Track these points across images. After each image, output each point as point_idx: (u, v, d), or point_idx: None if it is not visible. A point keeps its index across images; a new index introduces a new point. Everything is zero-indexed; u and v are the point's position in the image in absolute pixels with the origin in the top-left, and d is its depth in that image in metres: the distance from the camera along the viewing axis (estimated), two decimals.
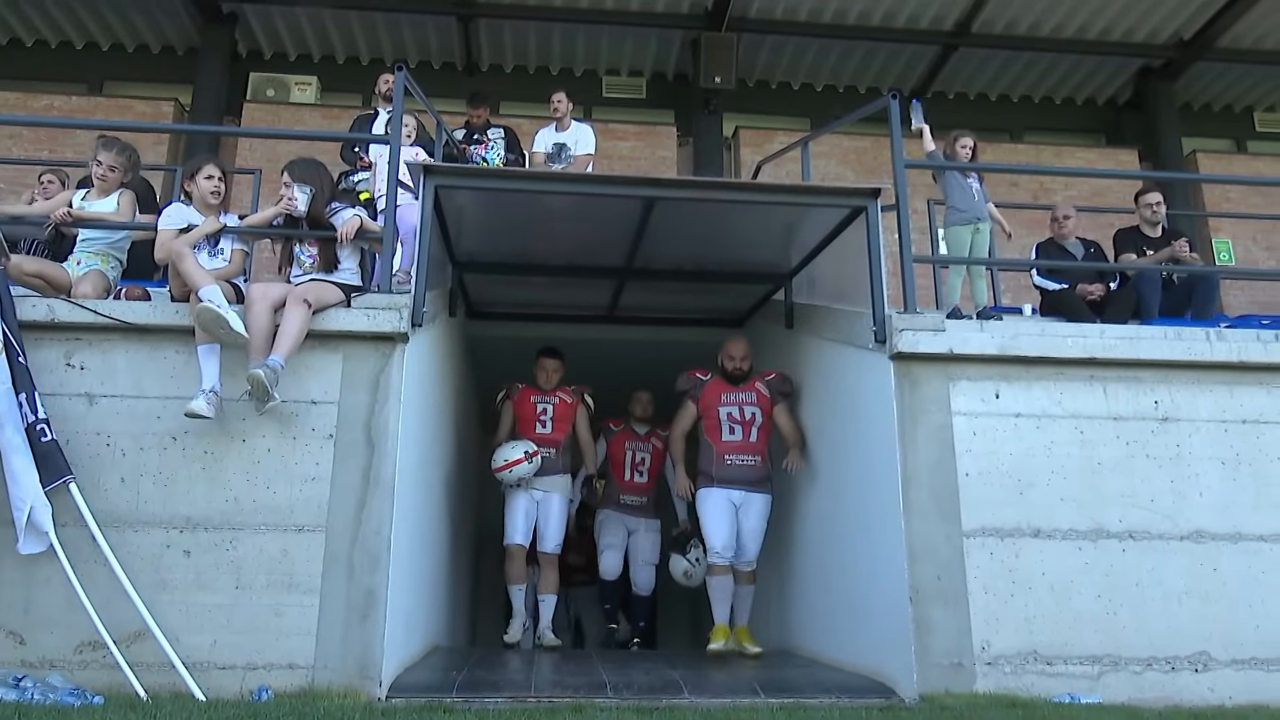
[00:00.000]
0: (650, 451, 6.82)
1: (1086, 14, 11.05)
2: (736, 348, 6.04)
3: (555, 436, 6.35)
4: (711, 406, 5.90)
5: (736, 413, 5.85)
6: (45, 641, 4.10)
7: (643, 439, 6.86)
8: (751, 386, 5.94)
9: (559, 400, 6.44)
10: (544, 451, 6.19)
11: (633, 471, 6.81)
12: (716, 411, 5.88)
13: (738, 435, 5.81)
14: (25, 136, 10.04)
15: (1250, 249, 11.15)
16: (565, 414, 6.43)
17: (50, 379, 4.37)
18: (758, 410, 5.85)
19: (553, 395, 6.45)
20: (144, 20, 11.33)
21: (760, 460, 5.83)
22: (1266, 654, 4.55)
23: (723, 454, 5.78)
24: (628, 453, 6.83)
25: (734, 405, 5.88)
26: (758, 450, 5.83)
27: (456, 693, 4.15)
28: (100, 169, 5.19)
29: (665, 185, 5.42)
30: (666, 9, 11.08)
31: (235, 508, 4.32)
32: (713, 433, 5.87)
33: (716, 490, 5.75)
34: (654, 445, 6.80)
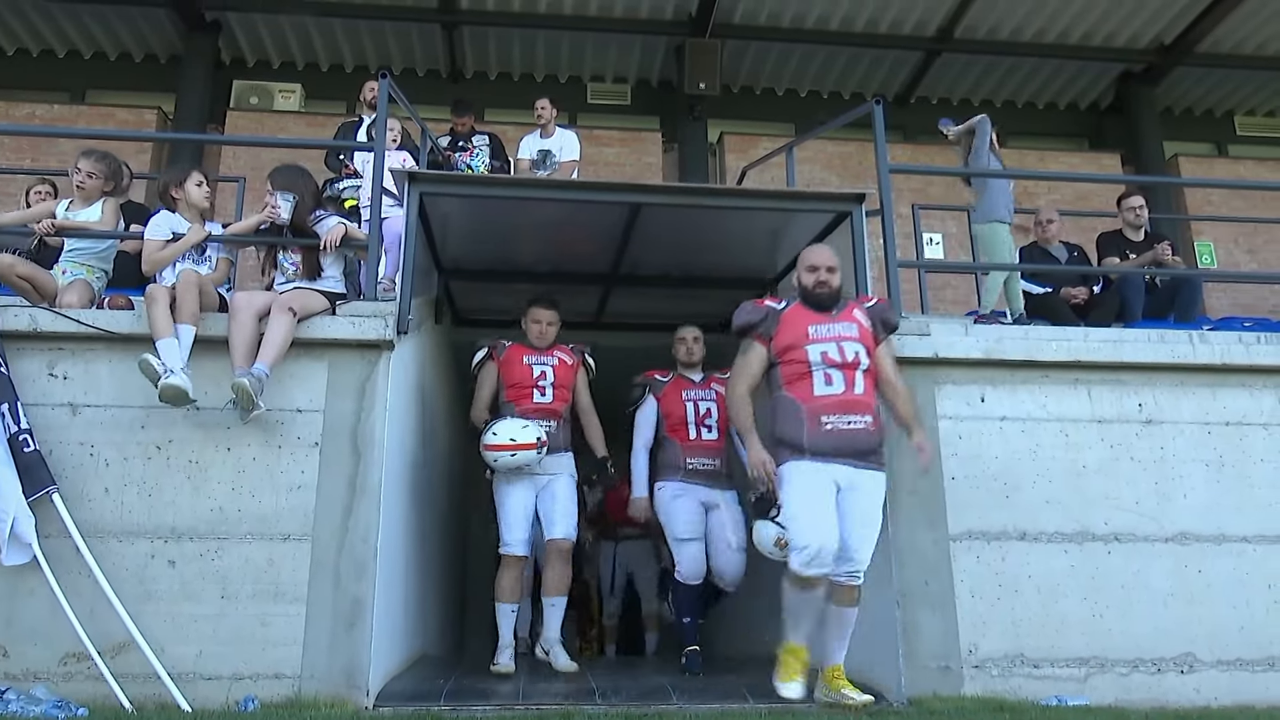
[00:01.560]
0: (715, 400, 5.51)
1: (1068, 19, 11.12)
2: (820, 255, 4.34)
3: (556, 407, 5.26)
4: (796, 344, 4.16)
5: (834, 352, 4.12)
6: (29, 654, 4.06)
7: (701, 385, 5.60)
8: (849, 315, 4.25)
9: (559, 361, 5.35)
10: (545, 425, 5.10)
11: (699, 427, 5.48)
12: (804, 352, 4.14)
13: (837, 385, 4.09)
14: (7, 146, 9.99)
15: (1232, 251, 11.23)
16: (566, 378, 5.35)
17: (33, 389, 4.34)
18: (861, 349, 4.16)
19: (549, 355, 5.36)
20: (126, 28, 11.29)
21: (873, 422, 4.12)
22: (1251, 655, 4.58)
23: (817, 414, 4.07)
24: (688, 405, 5.50)
25: (829, 341, 4.15)
26: (867, 406, 4.12)
27: (444, 701, 4.14)
28: (79, 176, 5.14)
29: (650, 191, 5.44)
30: (651, 15, 11.10)
31: (220, 517, 4.30)
32: (798, 383, 4.14)
33: (809, 464, 4.05)
34: (716, 392, 5.52)
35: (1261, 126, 12.93)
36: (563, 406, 5.30)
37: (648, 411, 5.59)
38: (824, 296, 4.24)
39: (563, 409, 5.30)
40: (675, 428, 5.50)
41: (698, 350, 5.65)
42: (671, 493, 5.41)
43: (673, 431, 5.50)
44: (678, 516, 5.36)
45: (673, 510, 5.38)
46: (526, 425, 5.00)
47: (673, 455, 5.48)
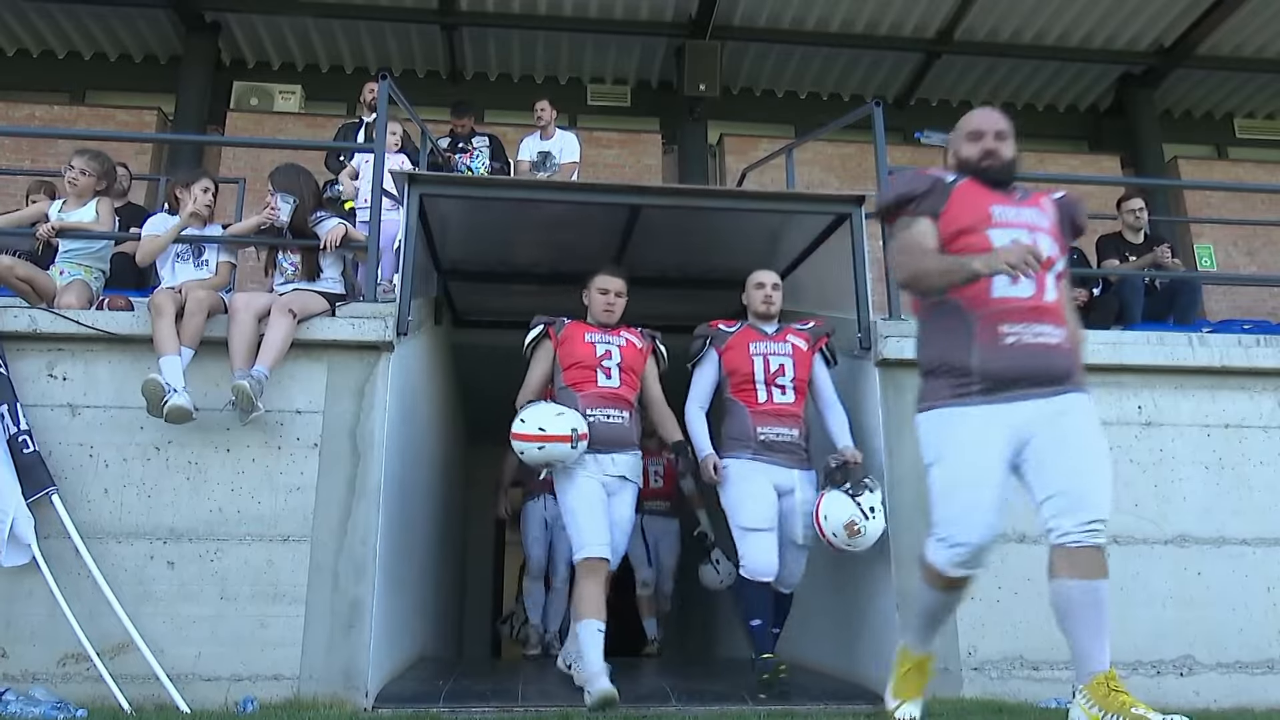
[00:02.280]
0: (790, 355, 4.70)
1: (1068, 21, 11.12)
2: (986, 118, 3.34)
3: (624, 393, 4.49)
4: (975, 228, 3.10)
5: (1027, 238, 3.05)
6: (28, 654, 4.06)
7: (775, 338, 4.77)
8: (1035, 201, 3.26)
9: (626, 342, 4.62)
10: (611, 415, 4.41)
11: (770, 387, 4.62)
12: (985, 238, 3.07)
13: (1025, 286, 3.03)
14: (7, 146, 9.99)
15: (1231, 254, 11.22)
16: (636, 361, 4.61)
17: (32, 390, 4.34)
18: (1055, 246, 3.21)
19: (616, 334, 4.65)
20: (126, 29, 11.28)
21: (1067, 339, 3.12)
22: (1250, 657, 4.58)
23: (996, 322, 3.03)
24: (756, 361, 4.67)
25: (1018, 228, 3.13)
26: (1060, 317, 3.13)
27: (443, 702, 4.14)
28: (71, 173, 5.13)
29: (650, 193, 5.44)
30: (650, 17, 11.10)
31: (220, 518, 4.30)
32: (977, 295, 3.04)
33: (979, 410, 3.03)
34: (793, 345, 4.74)
35: (1261, 129, 12.93)
36: (631, 394, 4.53)
37: (707, 367, 4.80)
38: (997, 170, 3.20)
39: (631, 397, 4.53)
40: (741, 387, 4.65)
41: (777, 299, 4.87)
42: (739, 471, 4.56)
43: (738, 392, 4.66)
44: (744, 501, 4.51)
45: (739, 493, 4.53)
46: (562, 413, 4.26)
47: (739, 424, 4.62)
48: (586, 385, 4.46)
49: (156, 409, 4.13)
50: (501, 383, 6.54)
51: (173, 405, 4.12)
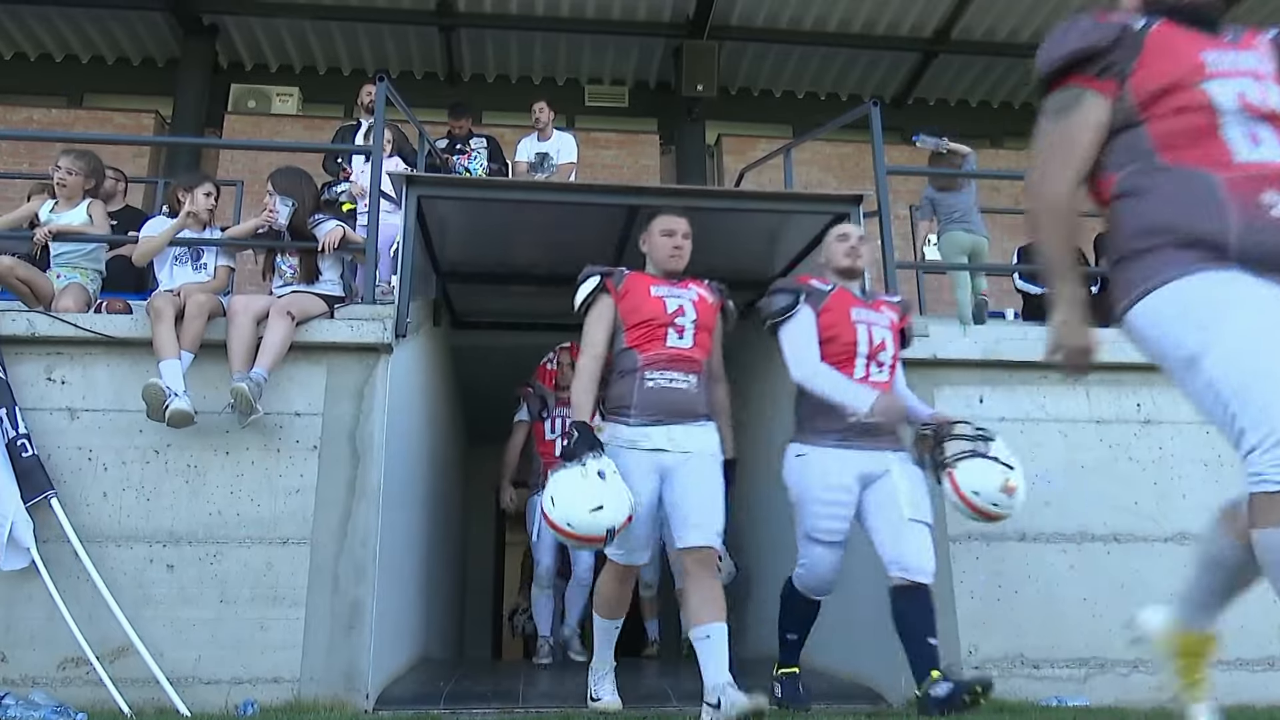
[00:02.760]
0: (889, 329, 4.01)
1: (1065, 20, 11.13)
2: None
3: (695, 356, 3.81)
4: (1184, 82, 2.25)
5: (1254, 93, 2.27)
6: (27, 659, 4.06)
7: (871, 306, 4.06)
8: (1249, 42, 2.46)
9: (699, 296, 3.95)
10: (675, 380, 3.72)
11: (870, 363, 3.91)
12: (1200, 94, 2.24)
13: (1270, 147, 2.22)
14: (5, 150, 9.99)
15: None
16: (709, 319, 3.92)
17: (31, 393, 4.34)
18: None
19: (686, 286, 3.97)
20: (124, 32, 11.29)
21: None
22: (1251, 654, 4.58)
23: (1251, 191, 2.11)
24: (860, 329, 3.92)
25: (1241, 77, 2.35)
26: None
27: (444, 704, 4.14)
28: (59, 174, 5.11)
29: (648, 193, 5.42)
30: (648, 18, 11.11)
31: (219, 521, 4.30)
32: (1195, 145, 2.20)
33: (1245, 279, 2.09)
34: (890, 319, 4.05)
35: None
36: (703, 357, 3.85)
37: (803, 323, 3.92)
38: (1209, 8, 2.38)
39: (703, 360, 3.85)
40: (838, 359, 3.87)
41: (865, 254, 4.13)
42: (820, 464, 3.80)
43: (834, 364, 3.87)
44: (817, 505, 3.80)
45: (814, 493, 3.81)
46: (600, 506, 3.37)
47: (810, 407, 3.87)
48: (654, 344, 3.78)
49: (158, 413, 4.13)
50: (500, 384, 6.57)
51: (174, 409, 4.12)
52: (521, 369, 6.61)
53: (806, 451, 3.85)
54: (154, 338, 4.31)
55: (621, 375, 3.82)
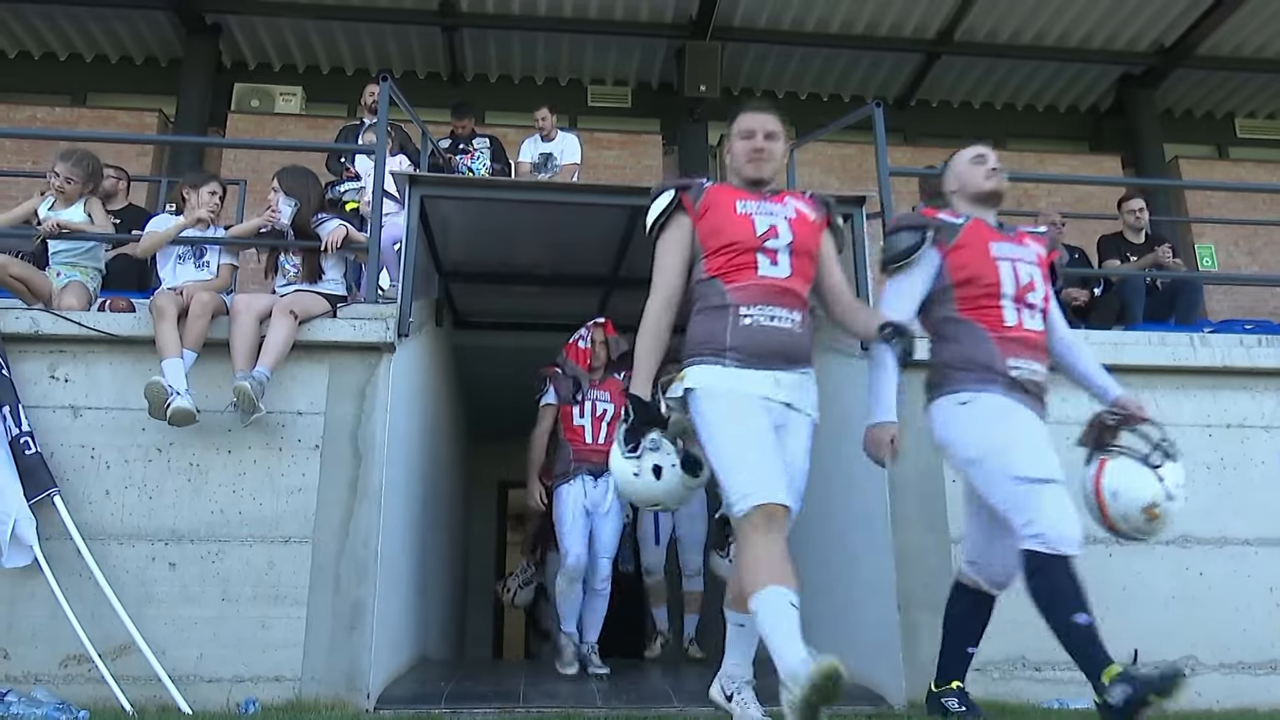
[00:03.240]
0: (1036, 264, 3.49)
1: (1068, 22, 11.12)
2: None
3: (796, 285, 3.16)
4: None
5: None
6: (30, 656, 4.07)
7: (1014, 240, 3.53)
8: None
9: (797, 213, 3.24)
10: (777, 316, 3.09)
11: (1021, 307, 3.38)
12: None
13: None
14: (8, 148, 10.00)
15: (1233, 254, 11.23)
16: (810, 240, 3.23)
17: (34, 391, 4.34)
18: None
19: (780, 201, 3.26)
20: (127, 31, 11.30)
21: None
22: (1253, 658, 4.57)
23: None
24: (1003, 267, 3.38)
25: None
26: None
27: (445, 704, 4.14)
28: (58, 180, 5.07)
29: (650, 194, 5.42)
30: (651, 18, 11.11)
31: (221, 520, 4.30)
32: None
33: None
34: (1038, 254, 3.53)
35: (1262, 129, 12.93)
36: (805, 287, 3.20)
37: (921, 272, 3.41)
38: None
39: (805, 291, 3.20)
40: (980, 303, 3.32)
41: (1000, 181, 3.60)
42: (999, 407, 3.26)
43: (975, 309, 3.34)
44: (1022, 443, 3.21)
45: (1014, 433, 3.24)
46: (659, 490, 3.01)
47: (979, 350, 3.31)
48: (743, 273, 3.11)
49: (160, 412, 4.14)
50: (502, 384, 6.56)
51: (176, 408, 4.13)
52: (524, 369, 6.59)
53: (973, 398, 3.26)
54: (157, 336, 4.31)
55: (706, 311, 3.15)
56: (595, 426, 5.55)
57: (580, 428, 5.57)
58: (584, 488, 5.48)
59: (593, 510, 5.47)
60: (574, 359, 5.69)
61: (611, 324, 5.71)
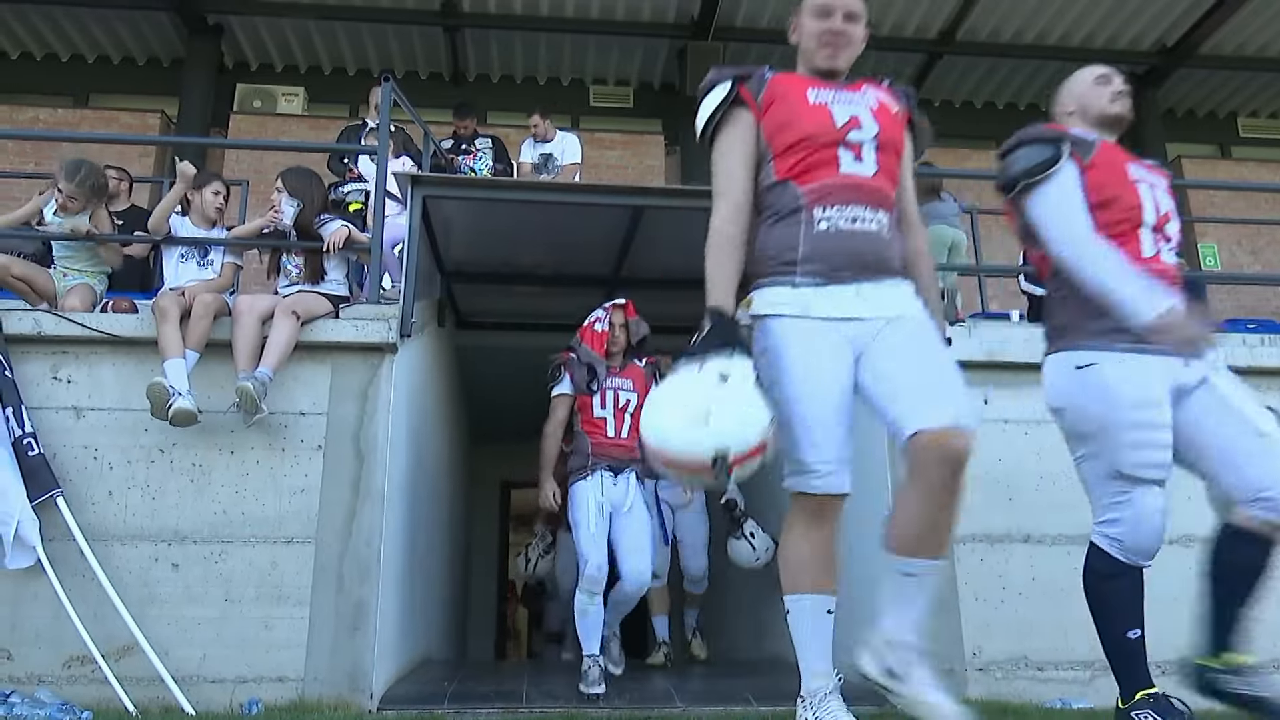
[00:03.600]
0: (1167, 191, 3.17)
1: (1070, 22, 11.12)
2: None
3: (883, 186, 2.72)
4: None
5: None
6: (33, 657, 4.07)
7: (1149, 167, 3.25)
8: None
9: (879, 104, 2.79)
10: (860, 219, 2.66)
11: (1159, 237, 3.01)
12: None
13: None
14: (10, 150, 10.01)
15: (1235, 253, 11.23)
16: (895, 135, 2.78)
17: (37, 392, 4.35)
18: None
19: (858, 89, 2.82)
20: (129, 32, 11.32)
21: None
22: (1260, 656, 4.56)
23: None
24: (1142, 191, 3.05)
25: None
26: None
27: (448, 704, 4.13)
28: (61, 198, 4.98)
29: (653, 194, 5.44)
30: (653, 18, 11.12)
31: (224, 520, 4.30)
32: None
33: None
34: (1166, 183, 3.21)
35: (1264, 128, 12.93)
36: (892, 188, 2.74)
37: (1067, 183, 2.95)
38: None
39: (893, 191, 2.75)
40: (1118, 232, 2.90)
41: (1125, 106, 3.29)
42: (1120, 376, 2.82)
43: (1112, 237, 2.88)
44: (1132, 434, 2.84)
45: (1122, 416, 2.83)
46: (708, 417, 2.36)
47: None
48: (823, 171, 2.66)
49: (161, 413, 4.14)
50: (504, 384, 6.56)
51: (178, 408, 4.13)
52: (526, 369, 6.57)
53: (1096, 360, 2.84)
54: (159, 337, 4.31)
55: (777, 219, 2.73)
56: (618, 419, 4.93)
57: (601, 420, 4.93)
58: (602, 485, 4.83)
59: (614, 510, 4.90)
60: (589, 344, 5.04)
61: (633, 306, 5.16)
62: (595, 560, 4.67)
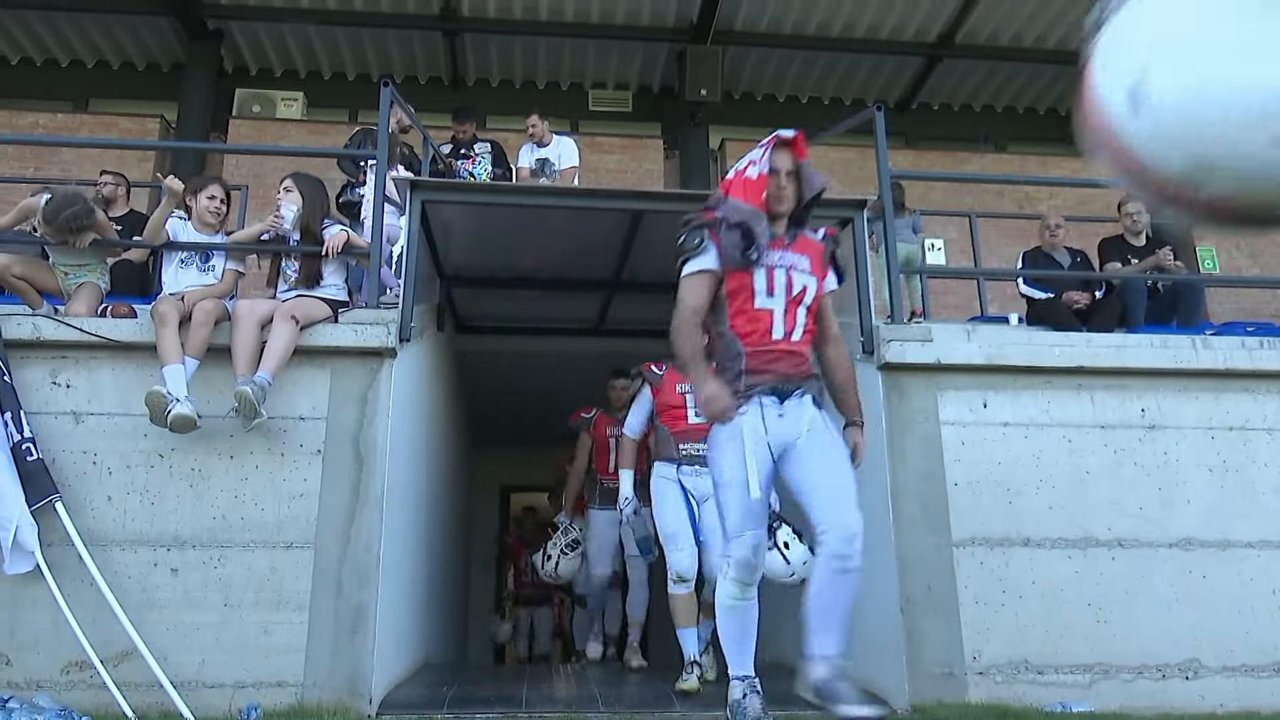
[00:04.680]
0: None
1: (1069, 25, 11.13)
2: None
3: None
4: None
5: None
6: (31, 662, 4.06)
7: None
8: None
9: None
10: None
11: None
12: None
13: None
14: (10, 155, 10.01)
15: (1234, 256, 11.21)
16: None
17: (36, 397, 4.34)
18: None
19: None
20: (129, 37, 11.32)
21: None
22: (1256, 661, 4.56)
23: None
24: None
25: None
26: None
27: (447, 708, 4.13)
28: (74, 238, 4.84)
29: (652, 198, 5.44)
30: (652, 22, 11.12)
31: (223, 525, 4.30)
32: None
33: None
34: None
35: None
36: None
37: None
38: None
39: None
40: None
41: None
42: None
43: None
44: None
45: None
46: None
47: None
48: None
49: (160, 419, 4.14)
50: (504, 388, 6.56)
51: (176, 414, 4.13)
52: (525, 373, 6.59)
53: None
54: (158, 343, 4.31)
55: None
56: (790, 313, 3.38)
57: (765, 313, 3.37)
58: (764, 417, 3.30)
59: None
60: (744, 196, 3.40)
61: (803, 140, 3.48)
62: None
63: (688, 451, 4.76)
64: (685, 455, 4.75)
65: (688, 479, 4.87)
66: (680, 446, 4.78)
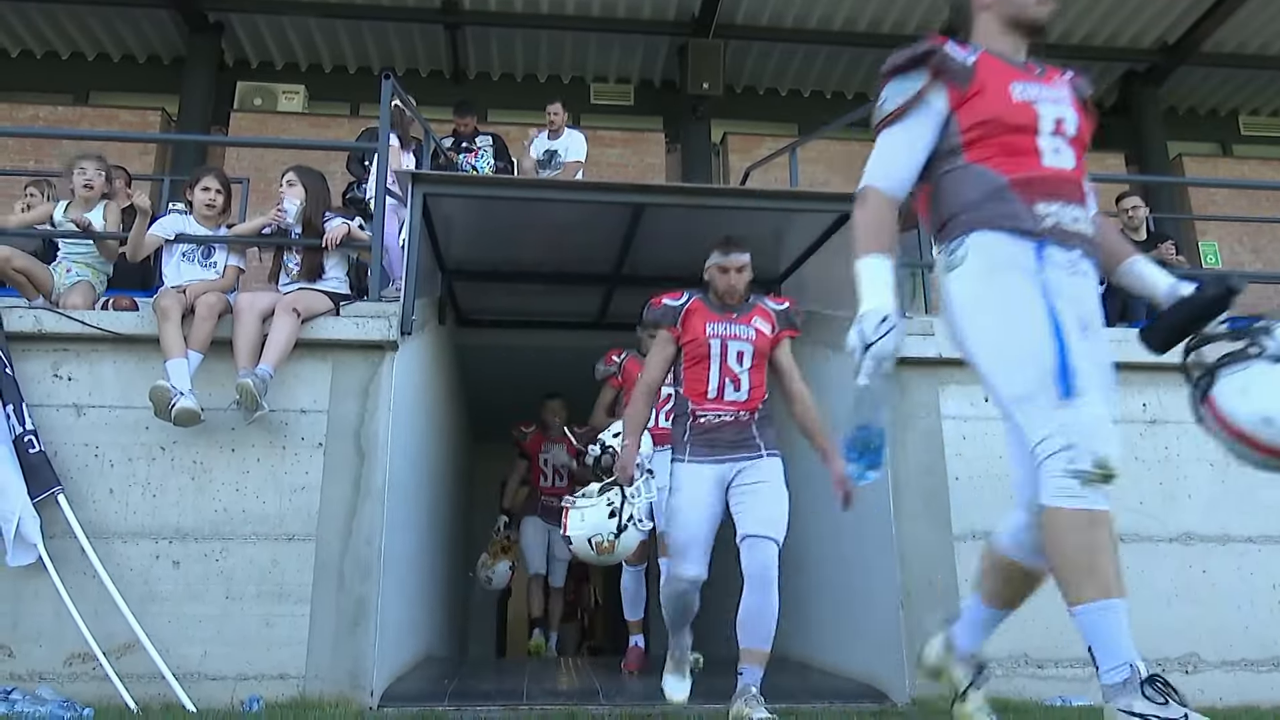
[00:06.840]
0: None
1: (1071, 19, 11.10)
2: None
3: None
4: None
5: None
6: (34, 654, 4.08)
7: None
8: None
9: None
10: None
11: None
12: None
13: None
14: (10, 147, 10.00)
15: (1236, 251, 11.20)
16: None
17: (38, 390, 4.35)
18: None
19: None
20: (130, 30, 11.30)
21: None
22: (1255, 655, 4.57)
23: None
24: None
25: None
26: None
27: (448, 701, 4.14)
28: (84, 177, 5.08)
29: (653, 192, 5.43)
30: (653, 16, 11.10)
31: (225, 518, 4.30)
32: None
33: None
34: None
35: (1266, 126, 12.90)
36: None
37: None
38: None
39: None
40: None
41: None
42: None
43: None
44: None
45: None
46: None
47: None
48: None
49: (164, 413, 4.14)
50: (505, 382, 6.56)
51: (180, 408, 4.13)
52: (527, 367, 6.58)
53: None
54: (161, 337, 4.32)
55: None
56: None
57: None
58: None
59: None
60: None
61: None
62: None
63: None
64: None
65: None
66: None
